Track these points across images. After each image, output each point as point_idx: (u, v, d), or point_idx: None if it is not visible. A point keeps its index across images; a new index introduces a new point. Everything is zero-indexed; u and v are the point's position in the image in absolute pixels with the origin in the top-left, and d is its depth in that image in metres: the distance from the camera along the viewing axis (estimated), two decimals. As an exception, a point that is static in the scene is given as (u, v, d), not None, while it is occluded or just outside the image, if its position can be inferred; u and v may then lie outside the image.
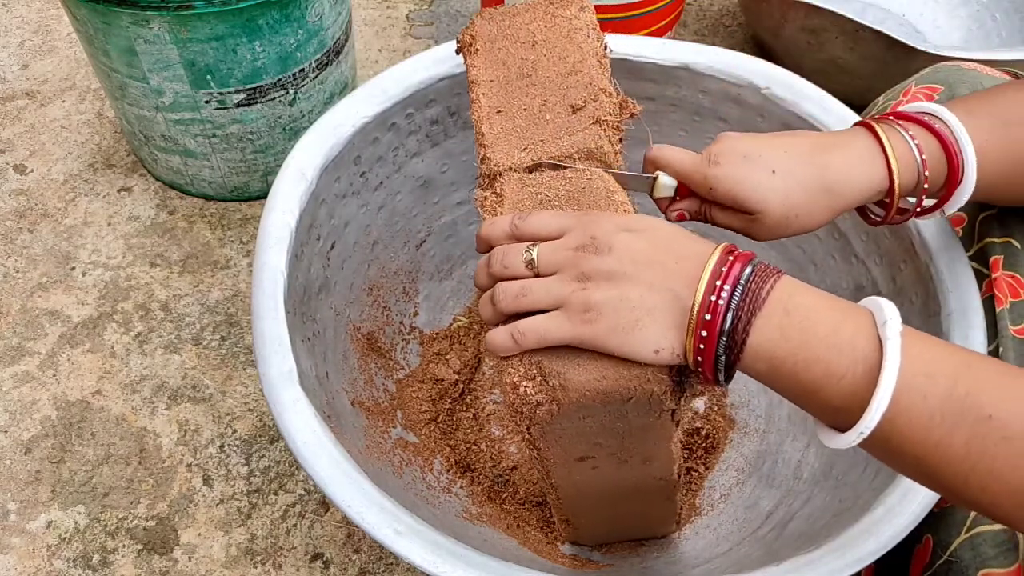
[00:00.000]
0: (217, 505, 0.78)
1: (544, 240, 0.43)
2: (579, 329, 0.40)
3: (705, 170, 0.49)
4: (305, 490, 0.79)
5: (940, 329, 0.57)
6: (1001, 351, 0.55)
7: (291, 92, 0.92)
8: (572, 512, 0.61)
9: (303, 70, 0.91)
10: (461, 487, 0.72)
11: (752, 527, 0.66)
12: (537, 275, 0.42)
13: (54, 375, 0.86)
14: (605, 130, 0.51)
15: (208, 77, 0.86)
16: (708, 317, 0.38)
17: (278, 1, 0.82)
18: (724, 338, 0.38)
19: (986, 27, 1.18)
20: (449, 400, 0.77)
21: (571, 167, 0.50)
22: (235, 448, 0.82)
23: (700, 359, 0.39)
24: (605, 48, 0.56)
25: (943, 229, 0.61)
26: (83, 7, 0.81)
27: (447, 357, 0.79)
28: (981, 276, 0.60)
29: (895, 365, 0.35)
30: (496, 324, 0.43)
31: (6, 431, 0.82)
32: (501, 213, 0.48)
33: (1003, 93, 0.52)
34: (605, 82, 0.53)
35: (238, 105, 0.90)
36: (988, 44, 1.17)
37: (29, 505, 0.78)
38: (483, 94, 0.54)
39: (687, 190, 0.52)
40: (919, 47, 0.91)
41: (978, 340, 0.55)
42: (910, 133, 0.49)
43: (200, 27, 0.81)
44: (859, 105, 0.76)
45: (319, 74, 0.93)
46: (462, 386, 0.79)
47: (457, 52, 0.58)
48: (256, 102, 0.90)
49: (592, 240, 0.41)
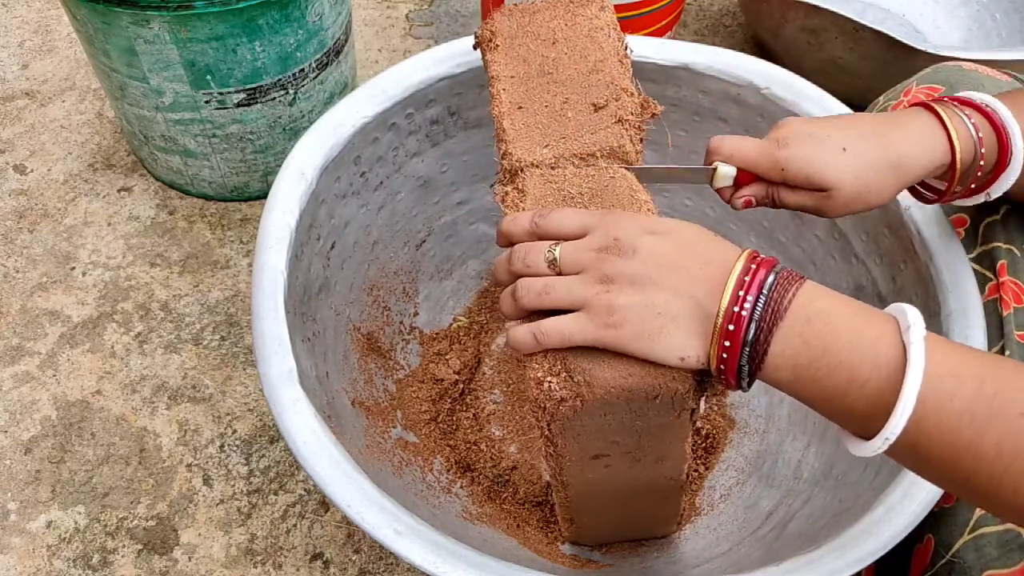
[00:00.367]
0: (217, 505, 0.78)
1: (566, 238, 0.43)
2: (602, 332, 0.40)
3: (775, 153, 0.50)
4: (305, 490, 0.79)
5: (940, 329, 0.57)
6: (1007, 354, 0.56)
7: (291, 92, 0.92)
8: (578, 511, 0.61)
9: (303, 70, 0.91)
10: (461, 487, 0.72)
11: (752, 527, 0.66)
12: (559, 274, 0.42)
13: (54, 375, 0.86)
14: (627, 129, 0.51)
15: (208, 77, 0.86)
16: (731, 328, 0.38)
17: (278, 1, 0.82)
18: (747, 348, 0.38)
19: (986, 27, 1.18)
20: (449, 400, 0.77)
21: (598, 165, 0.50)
22: (235, 448, 0.82)
23: (723, 367, 0.39)
24: (626, 48, 0.56)
25: (943, 229, 0.61)
26: (83, 7, 0.81)
27: (447, 357, 0.79)
28: (984, 279, 0.60)
29: (919, 367, 0.35)
30: (515, 319, 0.43)
31: (6, 431, 0.82)
32: (523, 208, 0.48)
33: None
34: (627, 82, 0.53)
35: (238, 105, 0.90)
36: (988, 44, 1.17)
37: (29, 505, 0.78)
38: (504, 90, 0.54)
39: (748, 177, 0.52)
40: (919, 47, 0.91)
41: (978, 340, 0.55)
42: (966, 113, 0.50)
43: (200, 27, 0.81)
44: (859, 105, 0.76)
45: (319, 74, 0.93)
46: (462, 386, 0.79)
47: (475, 47, 0.59)
48: (256, 102, 0.90)
49: (616, 242, 0.40)
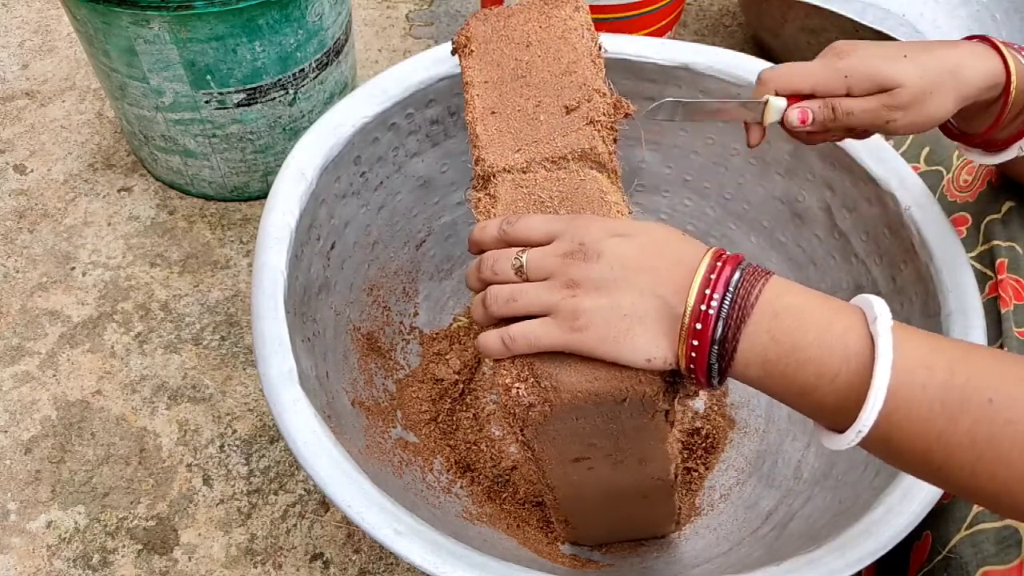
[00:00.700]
0: (217, 505, 0.78)
1: (533, 245, 0.43)
2: (569, 336, 0.40)
3: (836, 63, 0.51)
4: (305, 490, 0.79)
5: (940, 329, 0.57)
6: (1007, 351, 0.56)
7: (291, 92, 0.92)
8: (570, 512, 0.61)
9: (303, 70, 0.91)
10: (461, 487, 0.72)
11: (752, 527, 0.66)
12: (526, 280, 0.42)
13: (54, 375, 0.86)
14: (599, 130, 0.51)
15: (208, 77, 0.86)
16: (699, 326, 0.37)
17: (278, 1, 0.82)
18: (716, 346, 0.38)
19: (986, 27, 1.18)
20: (449, 400, 0.77)
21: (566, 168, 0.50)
22: (235, 448, 0.82)
23: (693, 366, 0.39)
24: (599, 48, 0.55)
25: (943, 229, 0.61)
26: (83, 7, 0.81)
27: (447, 357, 0.79)
28: (985, 278, 0.60)
29: (888, 359, 0.35)
30: (487, 327, 0.43)
31: (6, 431, 0.82)
32: (495, 214, 0.48)
33: None
34: (599, 82, 0.53)
35: (238, 105, 0.90)
36: (988, 44, 1.17)
37: (29, 505, 0.78)
38: (477, 95, 0.54)
39: (796, 101, 0.53)
40: (919, 47, 0.91)
41: (978, 340, 0.55)
42: (1015, 47, 0.52)
43: (200, 27, 0.81)
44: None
45: (319, 74, 0.93)
46: (462, 386, 0.79)
47: (453, 53, 0.58)
48: (256, 102, 0.90)
49: (581, 247, 0.40)
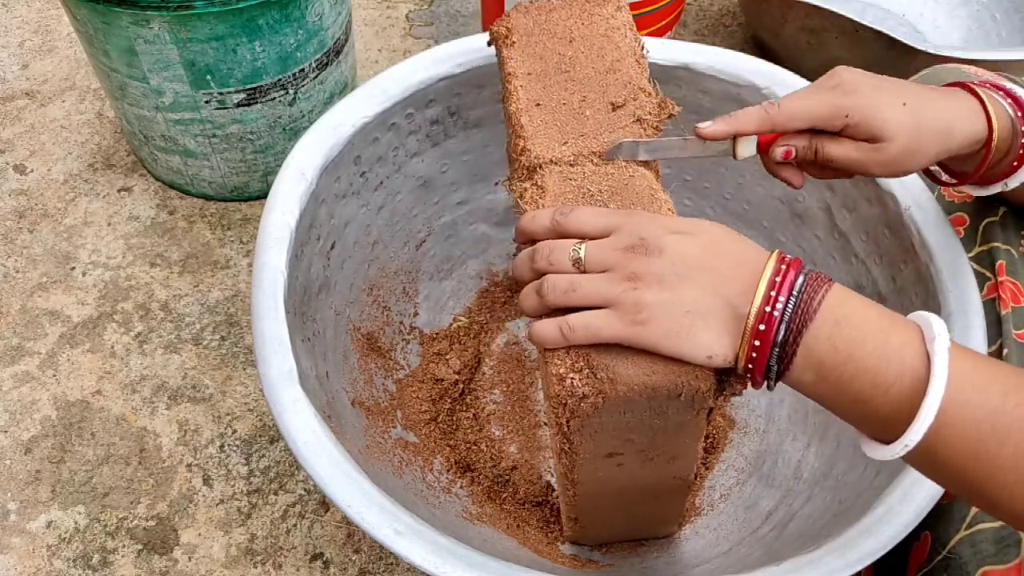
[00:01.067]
0: (217, 505, 0.78)
1: (587, 237, 0.42)
2: (631, 329, 0.39)
3: (841, 100, 0.49)
4: (305, 490, 0.79)
5: (940, 329, 0.57)
6: (1005, 352, 0.56)
7: (291, 92, 0.92)
8: (584, 510, 0.61)
9: (303, 70, 0.91)
10: (461, 487, 0.72)
11: (752, 527, 0.66)
12: (583, 272, 0.42)
13: (54, 375, 0.86)
14: (645, 129, 0.52)
15: (208, 77, 0.86)
16: (762, 327, 0.38)
17: (278, 1, 0.82)
18: (776, 348, 0.38)
19: (986, 27, 1.18)
20: (449, 400, 0.77)
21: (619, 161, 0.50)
22: (235, 448, 0.82)
23: (751, 366, 0.39)
24: (643, 48, 0.56)
25: (943, 229, 0.61)
26: (83, 7, 0.81)
27: (447, 357, 0.79)
28: (983, 279, 0.60)
29: (942, 378, 0.35)
30: (538, 316, 0.43)
31: (6, 431, 0.82)
32: (543, 205, 0.48)
33: None
34: (644, 81, 0.54)
35: (238, 105, 0.90)
36: (988, 44, 1.17)
37: (29, 505, 0.78)
38: (521, 86, 0.54)
39: (772, 138, 0.51)
40: (919, 47, 0.91)
41: (978, 340, 0.55)
42: (1000, 94, 0.52)
43: (200, 27, 0.81)
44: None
45: (319, 74, 0.93)
46: (462, 386, 0.79)
47: (489, 44, 0.59)
48: (256, 102, 0.90)
49: (642, 241, 0.40)
